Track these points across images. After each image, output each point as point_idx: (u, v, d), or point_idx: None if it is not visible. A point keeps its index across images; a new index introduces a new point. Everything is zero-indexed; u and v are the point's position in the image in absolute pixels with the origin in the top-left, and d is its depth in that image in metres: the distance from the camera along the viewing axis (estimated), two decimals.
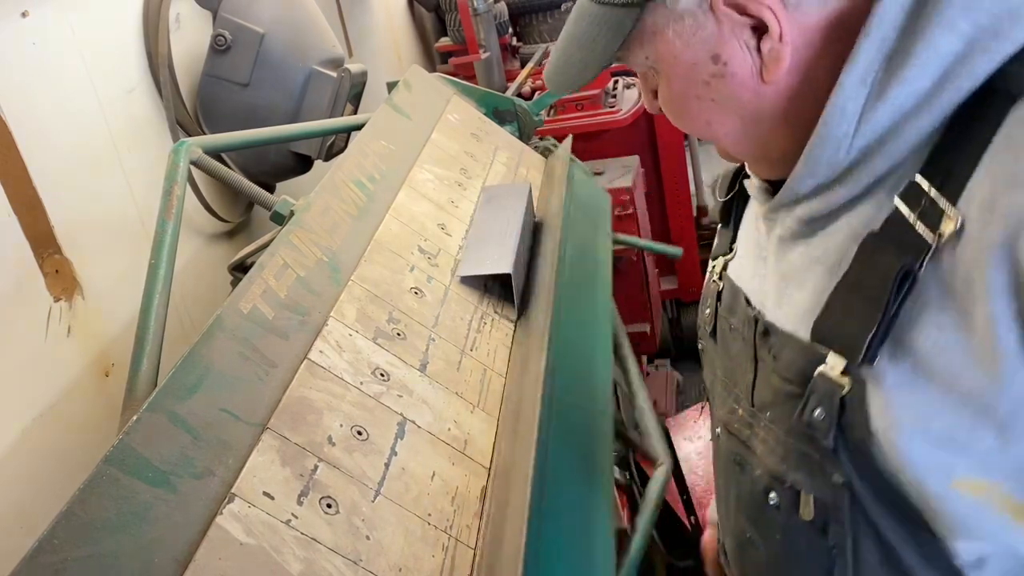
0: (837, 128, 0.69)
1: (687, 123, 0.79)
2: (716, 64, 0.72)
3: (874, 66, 0.67)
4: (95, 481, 0.65)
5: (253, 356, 0.86)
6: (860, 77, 0.67)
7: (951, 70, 0.64)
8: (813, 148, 0.71)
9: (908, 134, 0.67)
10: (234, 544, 0.69)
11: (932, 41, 0.64)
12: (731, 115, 0.75)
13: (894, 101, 0.66)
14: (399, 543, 0.80)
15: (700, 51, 0.72)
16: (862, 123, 0.68)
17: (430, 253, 1.26)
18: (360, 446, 0.86)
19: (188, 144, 1.10)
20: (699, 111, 0.76)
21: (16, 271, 1.24)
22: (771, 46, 0.69)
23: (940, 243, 0.63)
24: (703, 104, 0.75)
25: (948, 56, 0.64)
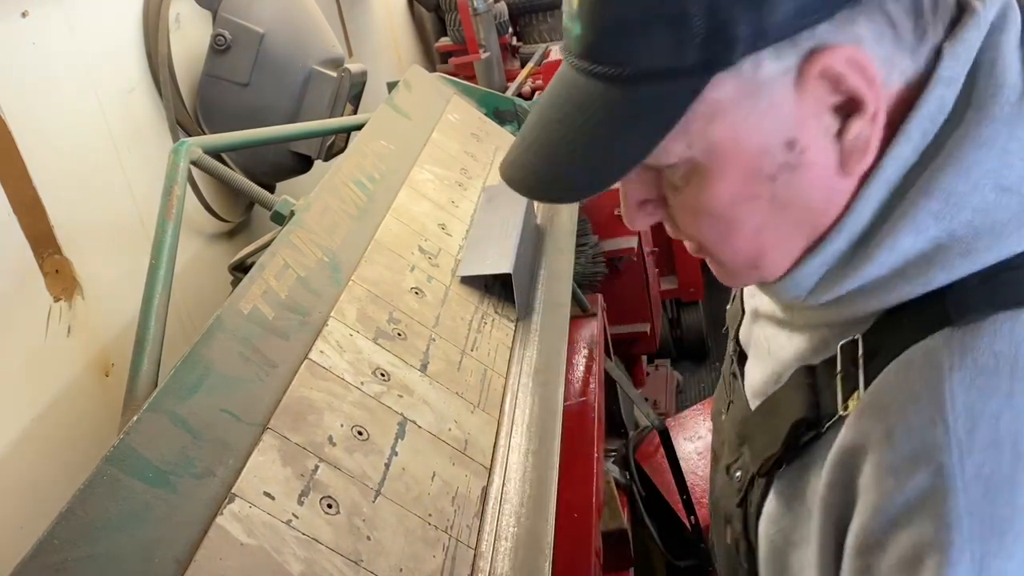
0: (787, 294, 0.65)
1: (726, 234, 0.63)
2: (791, 151, 0.57)
3: (838, 253, 0.62)
4: (95, 481, 0.65)
5: (253, 356, 0.86)
6: (825, 262, 0.62)
7: (908, 269, 0.59)
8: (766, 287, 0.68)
9: (855, 308, 0.63)
10: (234, 544, 0.68)
11: (898, 243, 0.59)
12: (789, 220, 0.61)
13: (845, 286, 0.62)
14: (400, 543, 0.80)
15: (772, 136, 0.56)
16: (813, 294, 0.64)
17: (430, 253, 1.26)
18: (361, 446, 0.86)
19: (188, 144, 1.10)
20: (751, 215, 0.60)
21: (16, 271, 1.24)
22: (859, 130, 0.57)
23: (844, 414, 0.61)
24: (758, 206, 0.60)
25: (911, 255, 0.59)
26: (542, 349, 1.26)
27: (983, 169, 0.56)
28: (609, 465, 1.92)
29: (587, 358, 1.66)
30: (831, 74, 0.54)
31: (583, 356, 1.67)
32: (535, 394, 1.16)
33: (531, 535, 0.91)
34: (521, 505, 0.96)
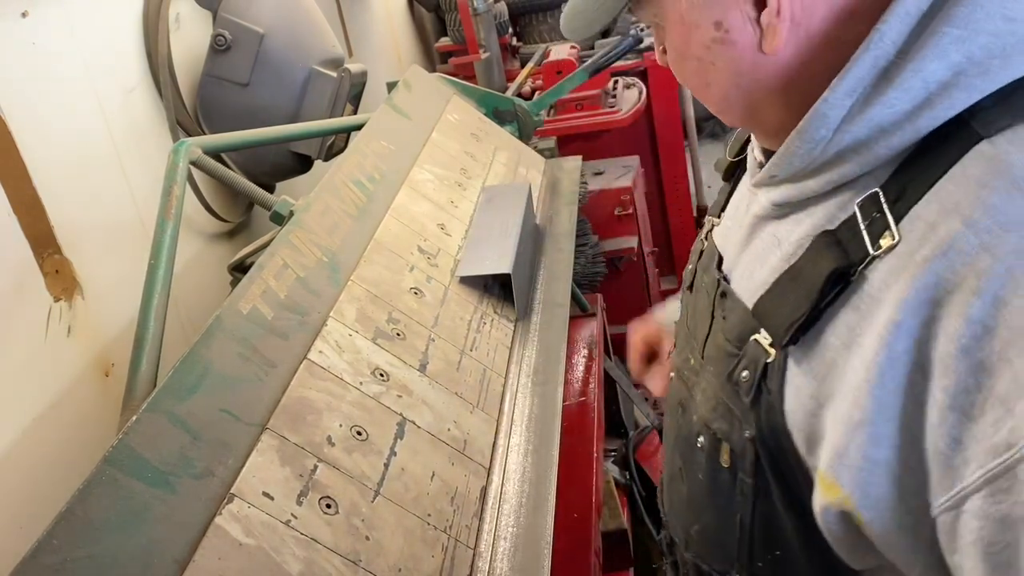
0: (816, 132, 0.72)
1: (688, 82, 0.81)
2: (718, 30, 0.73)
3: (864, 81, 0.69)
4: (95, 481, 0.65)
5: (253, 356, 0.86)
6: (849, 89, 0.70)
7: (933, 98, 0.66)
8: (792, 141, 0.74)
9: (880, 149, 0.69)
10: (233, 544, 0.69)
11: (922, 67, 0.66)
12: (729, 81, 0.76)
13: (873, 118, 0.69)
14: (399, 543, 0.80)
15: (703, 15, 0.73)
16: (839, 132, 0.71)
17: (430, 253, 1.26)
18: (359, 446, 0.86)
19: (188, 144, 1.10)
20: (699, 72, 0.78)
21: (16, 271, 1.24)
22: (768, 20, 0.71)
23: (876, 254, 0.67)
24: (703, 66, 0.76)
25: (933, 84, 0.66)
26: (541, 349, 1.26)
27: (995, 1, 0.66)
28: (609, 465, 1.92)
29: (587, 358, 1.67)
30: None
31: (583, 356, 1.67)
32: (534, 394, 1.16)
33: (531, 535, 0.91)
34: (521, 505, 0.96)
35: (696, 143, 3.48)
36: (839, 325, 0.70)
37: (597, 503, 1.25)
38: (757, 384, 0.78)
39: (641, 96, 2.86)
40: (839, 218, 0.73)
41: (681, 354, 0.98)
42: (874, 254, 0.67)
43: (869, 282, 0.68)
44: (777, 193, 0.80)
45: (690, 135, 3.26)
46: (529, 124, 1.97)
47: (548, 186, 1.79)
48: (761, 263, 0.82)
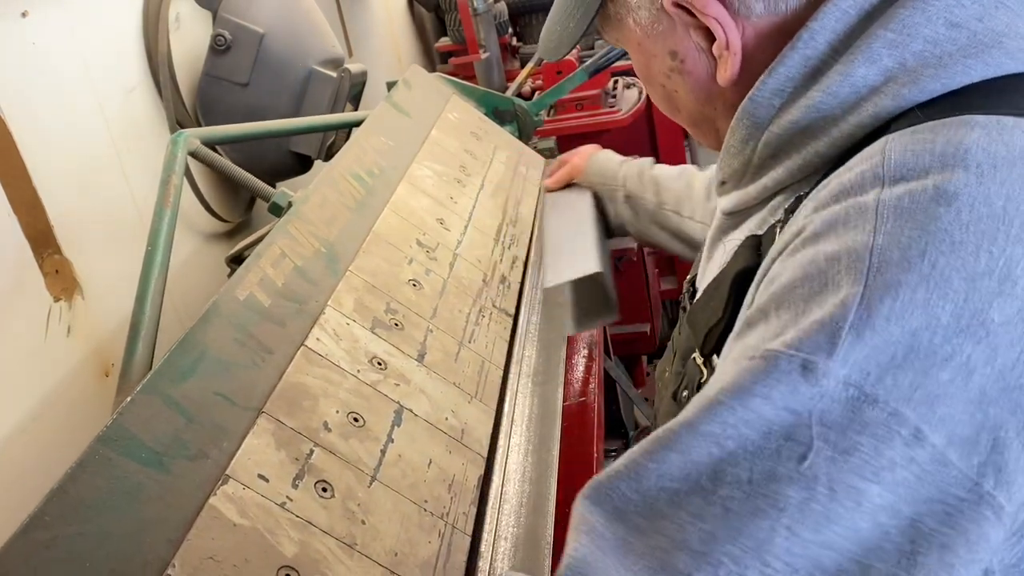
0: (744, 130, 0.69)
1: (659, 106, 0.81)
2: (674, 60, 0.72)
3: (794, 80, 0.66)
4: (87, 460, 0.65)
5: (249, 342, 0.86)
6: (776, 88, 0.66)
7: (859, 104, 0.63)
8: (726, 140, 0.73)
9: (807, 154, 0.66)
10: (227, 525, 0.68)
11: (851, 70, 0.62)
12: (694, 107, 0.76)
13: (799, 121, 0.65)
14: (395, 528, 0.80)
15: (659, 45, 0.73)
16: (767, 132, 0.68)
17: (428, 247, 1.26)
18: (356, 432, 0.86)
19: (186, 135, 1.10)
20: (666, 98, 0.78)
21: (16, 271, 1.24)
22: (719, 52, 0.68)
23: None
24: (668, 93, 0.76)
25: (863, 89, 0.62)
26: (541, 349, 1.26)
27: (939, 5, 0.60)
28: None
29: (587, 358, 1.66)
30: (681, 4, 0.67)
31: (583, 356, 1.66)
32: (534, 394, 1.15)
33: (531, 535, 0.91)
34: (521, 505, 0.95)
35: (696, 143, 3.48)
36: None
37: None
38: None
39: (641, 96, 2.86)
40: (769, 223, 0.70)
41: (661, 365, 0.96)
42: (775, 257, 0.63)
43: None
44: (726, 201, 0.78)
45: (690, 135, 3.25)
46: (529, 124, 1.98)
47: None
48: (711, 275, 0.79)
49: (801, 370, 0.50)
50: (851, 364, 0.49)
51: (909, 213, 0.53)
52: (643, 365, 2.83)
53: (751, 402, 0.51)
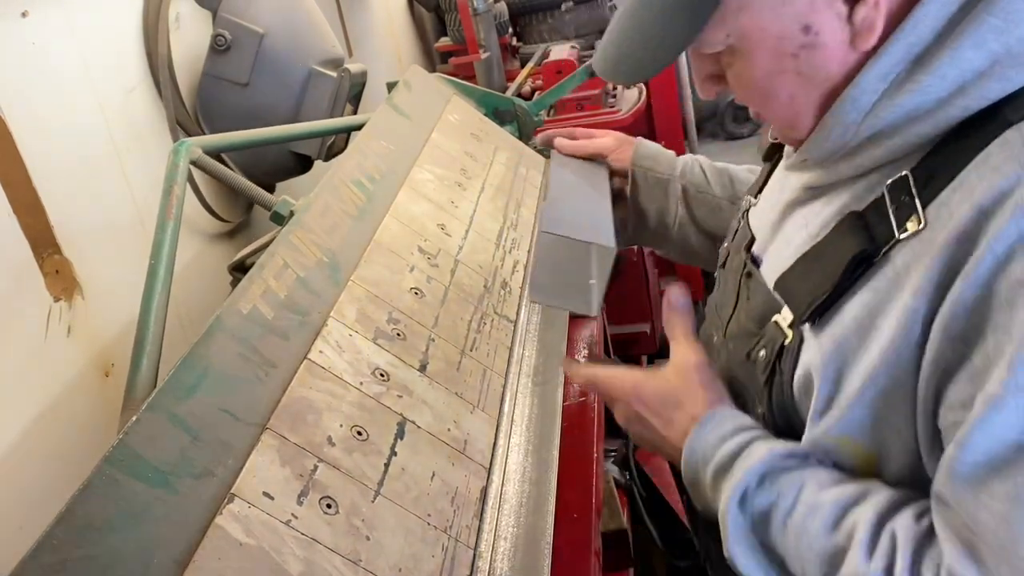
0: (846, 116, 0.73)
1: (766, 101, 0.78)
2: (807, 35, 0.72)
3: (898, 66, 0.70)
4: (94, 481, 0.65)
5: (253, 356, 0.86)
6: (882, 74, 0.71)
7: (967, 86, 0.67)
8: (824, 124, 0.75)
9: (909, 135, 0.71)
10: (233, 544, 0.69)
11: (959, 54, 0.67)
12: (815, 88, 0.75)
13: (905, 104, 0.70)
14: (399, 543, 0.80)
15: (790, 22, 0.71)
16: (871, 116, 0.72)
17: (430, 253, 1.26)
18: (360, 446, 0.86)
19: (188, 144, 1.10)
20: (783, 86, 0.75)
21: (16, 271, 1.24)
22: (865, 14, 0.69)
23: (902, 238, 0.69)
24: (787, 78, 0.75)
25: (969, 72, 0.67)
26: (541, 349, 1.26)
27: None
28: (609, 465, 1.92)
29: (587, 358, 1.66)
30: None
31: (583, 356, 1.67)
32: (535, 394, 1.16)
33: (531, 535, 0.91)
34: (521, 505, 0.96)
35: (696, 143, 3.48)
36: (856, 305, 0.72)
37: (597, 503, 1.24)
38: (772, 364, 0.81)
39: (641, 96, 2.86)
40: (867, 200, 0.74)
41: (707, 331, 1.00)
42: (899, 238, 0.69)
43: (892, 265, 0.70)
44: (808, 176, 0.82)
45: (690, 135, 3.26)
46: (529, 124, 1.97)
47: (548, 186, 1.79)
48: (788, 244, 0.84)
49: None
50: None
51: None
52: (643, 365, 2.84)
53: None
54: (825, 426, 0.76)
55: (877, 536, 0.69)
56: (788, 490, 0.75)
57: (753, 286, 0.88)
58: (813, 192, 0.82)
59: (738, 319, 0.90)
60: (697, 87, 0.85)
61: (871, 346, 0.71)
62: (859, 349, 0.72)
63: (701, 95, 0.87)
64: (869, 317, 0.71)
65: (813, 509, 0.73)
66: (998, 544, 0.61)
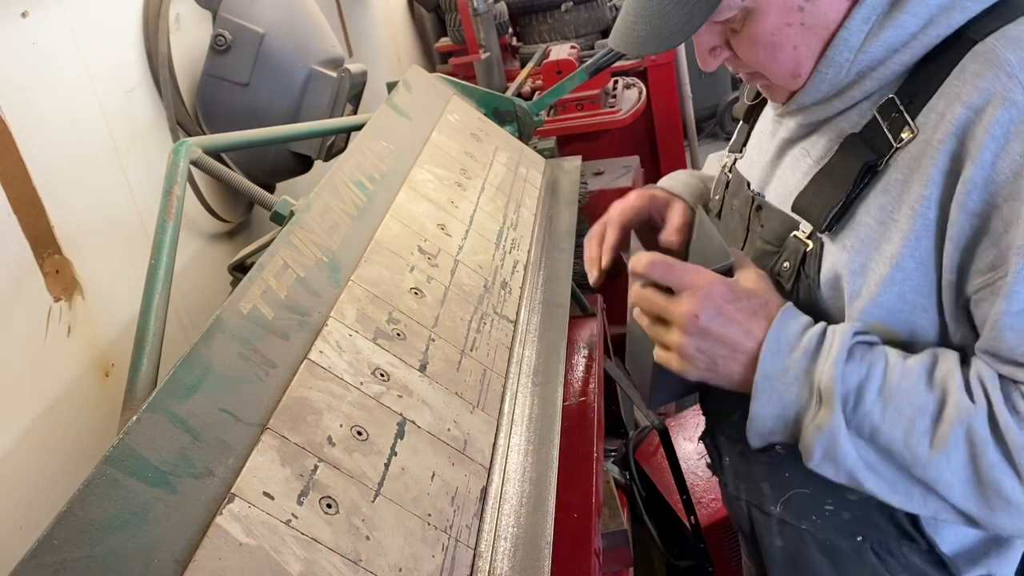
0: (840, 55, 0.87)
1: (773, 54, 0.89)
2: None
3: (877, 9, 0.85)
4: (95, 481, 0.65)
5: (253, 356, 0.86)
6: (864, 17, 0.85)
7: (935, 18, 0.83)
8: (821, 69, 0.89)
9: (893, 65, 0.86)
10: (234, 544, 0.69)
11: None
12: (816, 36, 0.88)
13: (887, 39, 0.85)
14: (399, 543, 0.80)
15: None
16: (859, 53, 0.87)
17: (430, 253, 1.26)
18: (360, 446, 0.86)
19: (188, 144, 1.10)
20: (788, 38, 0.88)
21: (16, 271, 1.24)
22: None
23: (899, 146, 0.84)
24: (793, 31, 0.87)
25: (935, 7, 0.83)
26: (541, 349, 1.26)
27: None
28: (609, 465, 1.92)
29: (587, 358, 1.66)
30: None
31: (583, 356, 1.67)
32: (534, 394, 1.16)
33: (531, 535, 0.92)
34: (521, 505, 0.96)
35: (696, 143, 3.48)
36: (871, 207, 0.87)
37: (597, 503, 1.25)
38: (797, 271, 0.95)
39: (641, 96, 2.86)
40: (861, 124, 0.89)
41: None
42: (897, 147, 0.85)
43: (895, 169, 0.85)
44: (804, 116, 0.95)
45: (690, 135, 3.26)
46: (529, 124, 1.97)
47: (548, 186, 1.79)
48: (793, 172, 0.98)
49: None
50: None
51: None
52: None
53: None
54: (857, 314, 0.89)
55: (968, 382, 0.83)
56: (877, 360, 0.86)
57: (765, 214, 1.02)
58: (809, 127, 0.96)
59: (751, 247, 1.04)
60: (700, 60, 0.95)
61: (892, 235, 0.85)
62: (881, 241, 0.86)
63: (704, 67, 0.96)
64: (886, 213, 0.85)
65: (904, 372, 0.85)
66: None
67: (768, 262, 0.99)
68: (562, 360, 1.24)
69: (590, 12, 3.38)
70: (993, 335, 0.81)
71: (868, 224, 0.87)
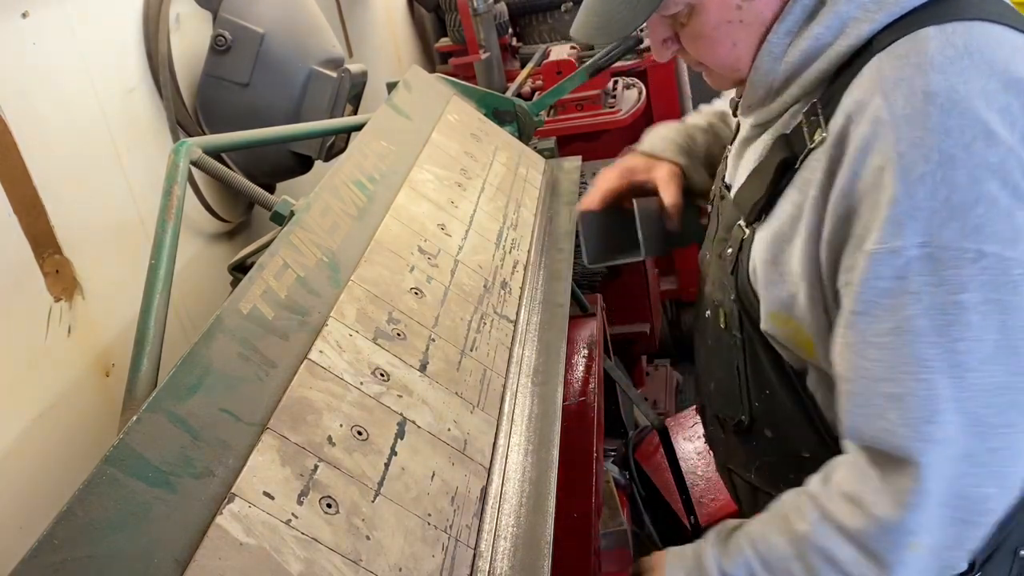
0: (766, 63, 0.95)
1: (713, 48, 0.97)
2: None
3: (798, 21, 0.92)
4: (95, 481, 0.65)
5: (253, 356, 0.86)
6: (787, 29, 0.93)
7: (846, 29, 0.89)
8: (753, 73, 0.97)
9: (812, 73, 0.93)
10: (234, 544, 0.69)
11: (838, 7, 0.90)
12: (752, 33, 0.95)
13: (805, 49, 0.92)
14: (399, 543, 0.80)
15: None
16: (783, 62, 0.94)
17: (430, 253, 1.26)
18: (360, 446, 0.86)
19: (188, 144, 1.10)
20: (727, 35, 0.95)
21: (16, 271, 1.24)
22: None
23: (812, 146, 0.91)
24: (732, 28, 0.94)
25: (846, 19, 0.89)
26: (541, 349, 1.26)
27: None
28: (609, 465, 1.92)
29: (587, 358, 1.67)
30: None
31: (583, 356, 1.67)
32: (534, 394, 1.16)
33: (531, 535, 0.92)
34: (521, 505, 0.96)
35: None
36: (787, 203, 0.95)
37: (597, 503, 1.25)
38: (735, 258, 1.05)
39: (641, 96, 2.86)
40: (791, 125, 0.97)
41: (702, 252, 1.25)
42: (810, 147, 0.91)
43: (808, 168, 0.92)
44: (753, 118, 1.04)
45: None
46: (529, 124, 1.97)
47: (548, 186, 1.79)
48: (745, 169, 1.07)
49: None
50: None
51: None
52: (643, 365, 2.84)
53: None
54: (767, 302, 0.99)
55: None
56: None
57: (723, 205, 1.13)
58: (758, 129, 1.05)
59: (715, 233, 1.15)
60: (654, 51, 1.04)
61: (800, 230, 0.92)
62: (792, 237, 0.94)
63: (657, 58, 1.05)
64: (796, 208, 0.93)
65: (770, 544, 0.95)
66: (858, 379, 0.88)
67: (721, 247, 1.11)
68: (562, 360, 1.24)
69: None
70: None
71: (781, 219, 0.95)
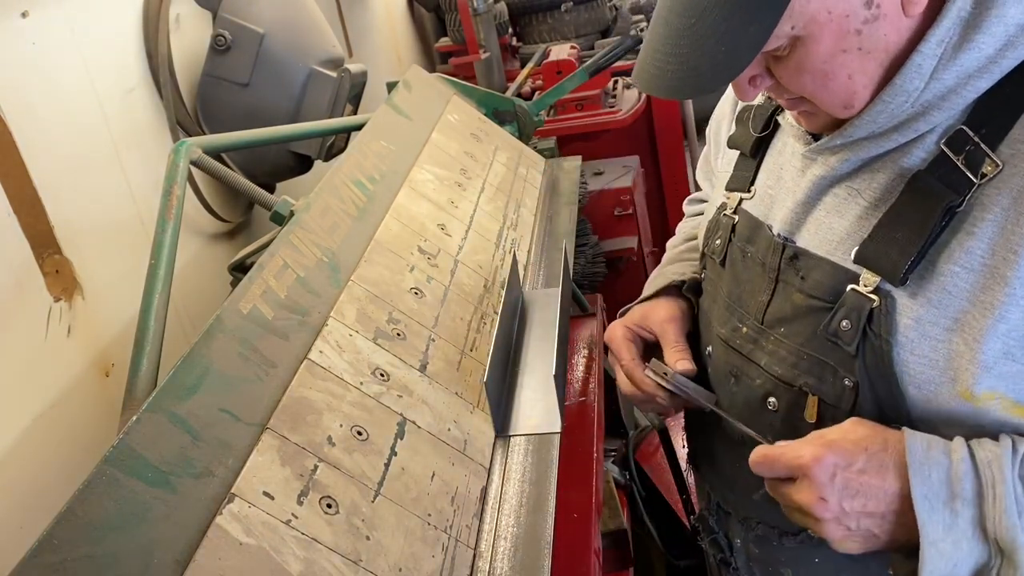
0: (910, 83, 0.78)
1: (824, 83, 0.80)
2: (870, 8, 0.75)
3: (952, 32, 0.76)
4: (95, 481, 0.65)
5: (253, 356, 0.86)
6: (939, 40, 0.76)
7: (1013, 39, 0.74)
8: (884, 98, 0.79)
9: (967, 92, 0.77)
10: (234, 544, 0.69)
11: (1003, 12, 0.74)
12: (874, 62, 0.78)
13: (962, 64, 0.76)
14: (399, 543, 0.80)
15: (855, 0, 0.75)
16: (932, 80, 0.77)
17: (430, 253, 1.26)
18: (360, 446, 0.86)
19: (188, 144, 1.10)
20: (843, 65, 0.78)
21: (16, 271, 1.24)
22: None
23: (981, 182, 0.75)
24: (848, 57, 0.78)
25: (1013, 27, 0.74)
26: None
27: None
28: (609, 465, 1.92)
29: (587, 358, 1.66)
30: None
31: (583, 356, 1.67)
32: None
33: (531, 535, 0.91)
34: (521, 505, 0.96)
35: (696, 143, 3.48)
36: (955, 253, 0.77)
37: (597, 503, 1.24)
38: (863, 330, 0.82)
39: (641, 96, 2.86)
40: (926, 160, 0.80)
41: (725, 325, 1.01)
42: (979, 183, 0.76)
43: (980, 208, 0.76)
44: (852, 152, 0.85)
45: (690, 135, 3.26)
46: (529, 124, 1.97)
47: (548, 186, 1.79)
48: (840, 216, 0.87)
49: None
50: None
51: None
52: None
53: None
54: (964, 385, 0.78)
55: None
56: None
57: (806, 264, 0.90)
58: (857, 164, 0.85)
59: (788, 301, 0.91)
60: (737, 91, 0.85)
61: (990, 283, 0.75)
62: (976, 290, 0.76)
63: (742, 99, 0.87)
64: (976, 259, 0.76)
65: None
66: None
67: (818, 319, 0.87)
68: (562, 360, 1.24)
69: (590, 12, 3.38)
70: None
71: (954, 272, 0.77)
